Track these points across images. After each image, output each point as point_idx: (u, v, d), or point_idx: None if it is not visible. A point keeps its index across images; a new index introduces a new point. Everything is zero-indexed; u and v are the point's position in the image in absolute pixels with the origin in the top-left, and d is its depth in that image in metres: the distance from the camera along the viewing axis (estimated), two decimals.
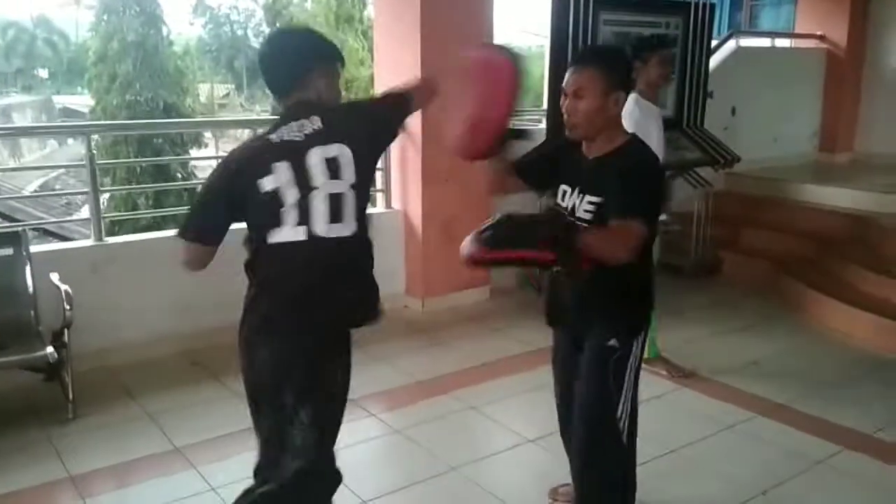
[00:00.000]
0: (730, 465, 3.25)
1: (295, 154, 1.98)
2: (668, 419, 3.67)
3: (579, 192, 2.30)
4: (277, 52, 2.16)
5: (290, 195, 1.97)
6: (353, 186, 2.02)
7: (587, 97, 2.21)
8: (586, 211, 2.26)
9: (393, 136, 2.27)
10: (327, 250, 2.02)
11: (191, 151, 19.19)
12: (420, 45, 4.86)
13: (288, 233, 1.99)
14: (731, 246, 6.35)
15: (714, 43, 6.49)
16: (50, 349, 3.43)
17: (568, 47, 5.09)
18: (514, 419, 3.68)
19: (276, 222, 1.99)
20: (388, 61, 5.23)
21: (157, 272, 4.29)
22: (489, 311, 5.29)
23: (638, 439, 2.51)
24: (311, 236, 1.99)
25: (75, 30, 45.22)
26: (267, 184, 1.97)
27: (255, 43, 44.57)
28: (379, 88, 5.35)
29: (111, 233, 4.46)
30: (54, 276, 3.76)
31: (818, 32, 8.06)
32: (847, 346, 4.66)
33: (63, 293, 3.60)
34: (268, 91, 2.26)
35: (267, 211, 1.99)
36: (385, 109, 2.23)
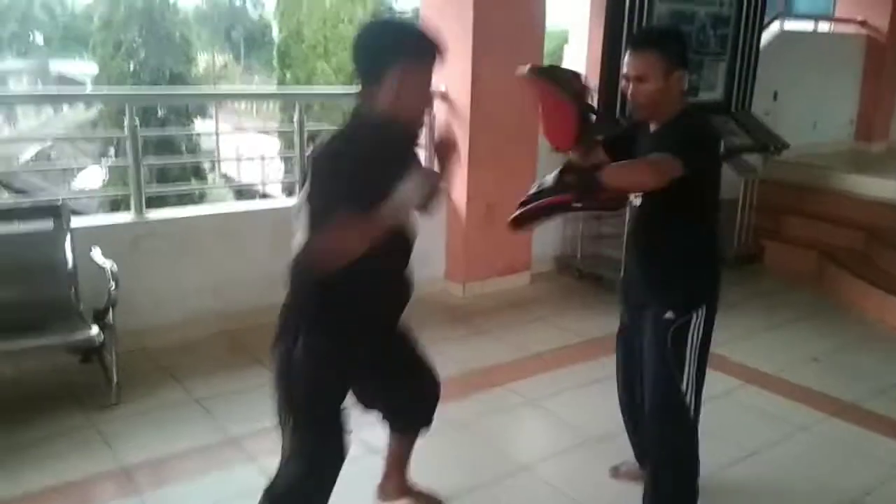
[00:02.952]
0: (814, 470, 3.11)
1: None
2: (737, 419, 3.52)
3: None
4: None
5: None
6: (308, 199, 1.88)
7: (650, 81, 2.23)
8: None
9: None
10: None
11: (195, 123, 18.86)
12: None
13: None
14: (772, 235, 6.18)
15: None
16: (95, 330, 3.24)
17: (623, 26, 4.88)
18: (577, 414, 3.51)
19: None
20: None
21: (197, 249, 4.12)
22: (531, 298, 5.13)
23: (714, 440, 2.45)
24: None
25: None
26: None
27: (254, 14, 43.98)
28: None
29: (115, 209, 4.25)
30: (96, 253, 3.55)
31: (859, 18, 7.84)
32: None
33: (108, 271, 3.39)
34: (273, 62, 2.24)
35: None
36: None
